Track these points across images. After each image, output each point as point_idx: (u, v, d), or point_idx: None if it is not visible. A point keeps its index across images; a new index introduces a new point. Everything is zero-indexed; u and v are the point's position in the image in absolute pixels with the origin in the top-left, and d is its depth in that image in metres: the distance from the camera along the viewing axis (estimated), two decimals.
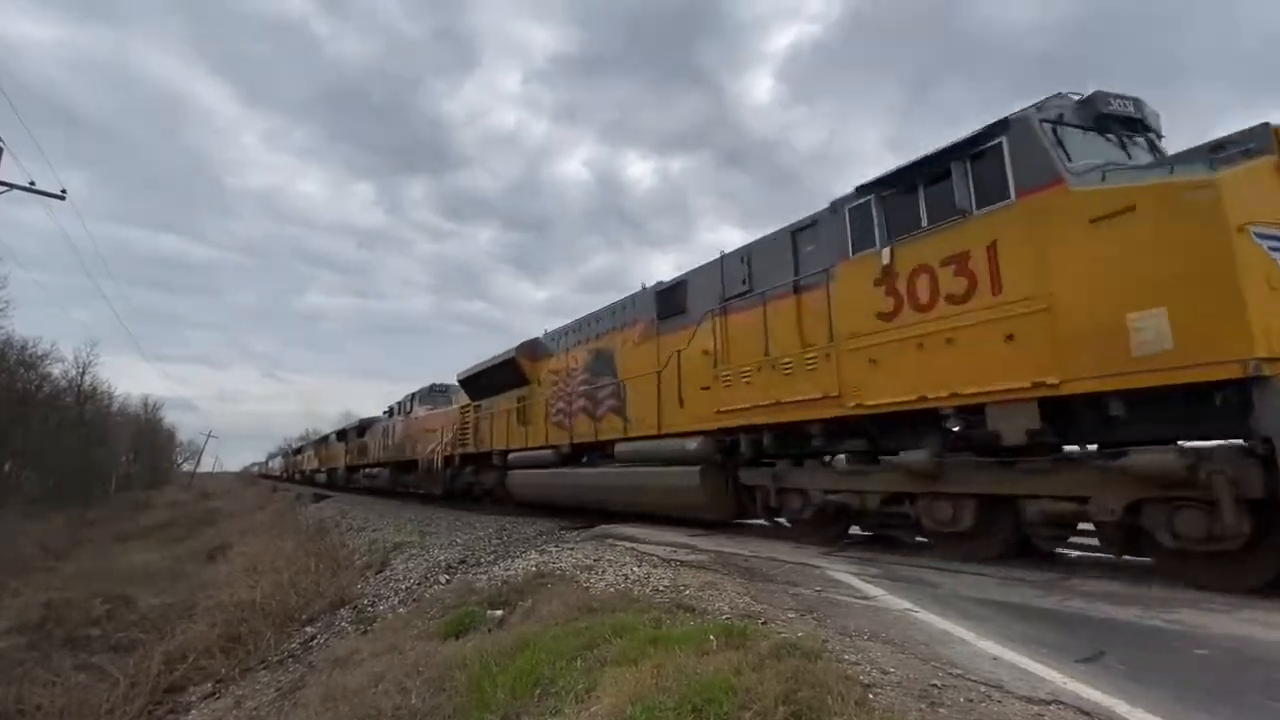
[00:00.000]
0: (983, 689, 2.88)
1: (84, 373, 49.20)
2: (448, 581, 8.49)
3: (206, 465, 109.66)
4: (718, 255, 8.86)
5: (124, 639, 11.29)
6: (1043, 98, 5.62)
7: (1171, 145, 5.68)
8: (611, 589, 5.66)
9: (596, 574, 6.34)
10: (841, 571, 5.60)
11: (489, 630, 5.52)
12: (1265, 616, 3.74)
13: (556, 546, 8.54)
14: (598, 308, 12.17)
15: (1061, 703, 2.69)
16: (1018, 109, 5.56)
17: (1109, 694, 2.75)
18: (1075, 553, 6.00)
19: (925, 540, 6.52)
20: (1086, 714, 2.59)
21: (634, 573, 6.10)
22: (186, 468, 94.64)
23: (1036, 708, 2.67)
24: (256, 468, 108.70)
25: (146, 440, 71.69)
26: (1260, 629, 3.51)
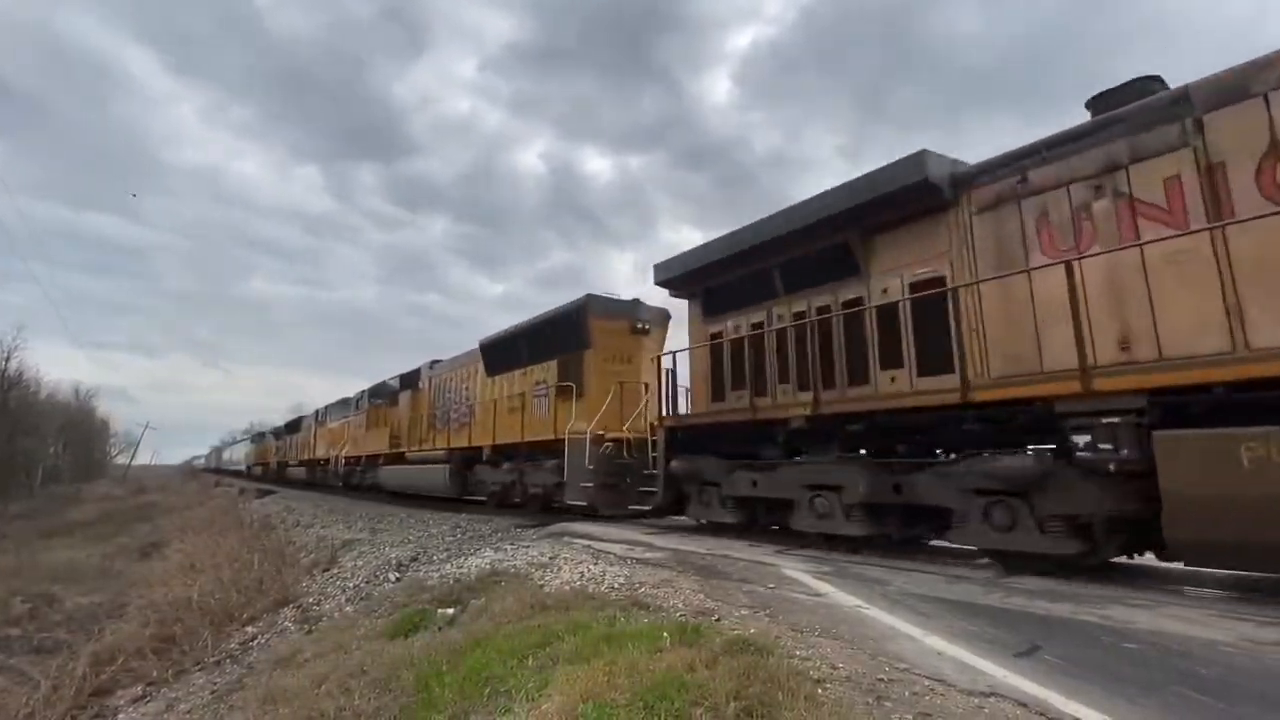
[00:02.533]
0: (927, 683, 2.96)
1: (9, 358, 46.20)
2: (398, 579, 8.29)
3: (143, 458, 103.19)
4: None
5: (47, 640, 10.62)
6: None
7: None
8: (567, 587, 5.61)
9: (552, 572, 6.28)
10: (794, 569, 5.69)
11: (440, 629, 5.40)
12: (1184, 613, 3.96)
13: (512, 544, 8.43)
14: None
15: (1000, 695, 2.78)
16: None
17: (1044, 686, 2.86)
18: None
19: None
20: (1023, 705, 2.68)
21: (590, 571, 6.07)
22: (121, 460, 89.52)
23: (977, 700, 2.75)
24: (201, 460, 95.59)
25: (77, 431, 67.79)
26: (1181, 624, 3.71)
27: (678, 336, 11.18)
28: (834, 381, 7.21)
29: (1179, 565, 4.87)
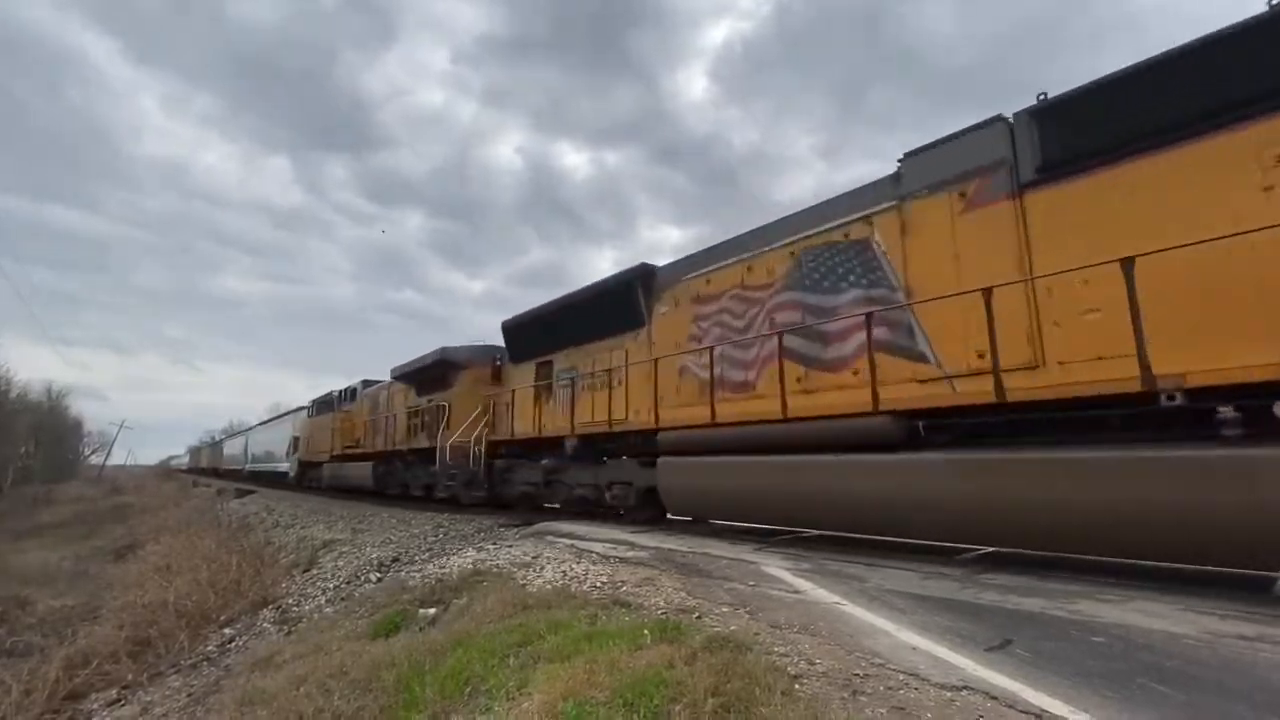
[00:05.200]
0: (901, 677, 3.02)
1: None
2: (379, 580, 8.24)
3: (118, 458, 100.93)
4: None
5: (19, 643, 10.41)
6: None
7: None
8: (549, 586, 5.62)
9: (534, 571, 6.28)
10: (775, 567, 5.75)
11: (421, 629, 5.39)
12: (1151, 607, 4.07)
13: (495, 544, 8.42)
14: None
15: (971, 689, 2.85)
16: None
17: (1014, 679, 2.93)
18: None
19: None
20: (993, 698, 2.75)
21: (572, 570, 6.09)
22: (95, 460, 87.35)
23: (949, 694, 2.82)
24: (183, 459, 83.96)
25: (49, 431, 66.21)
26: (1147, 618, 3.81)
27: None
28: None
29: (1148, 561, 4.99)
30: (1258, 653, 3.19)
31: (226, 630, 8.70)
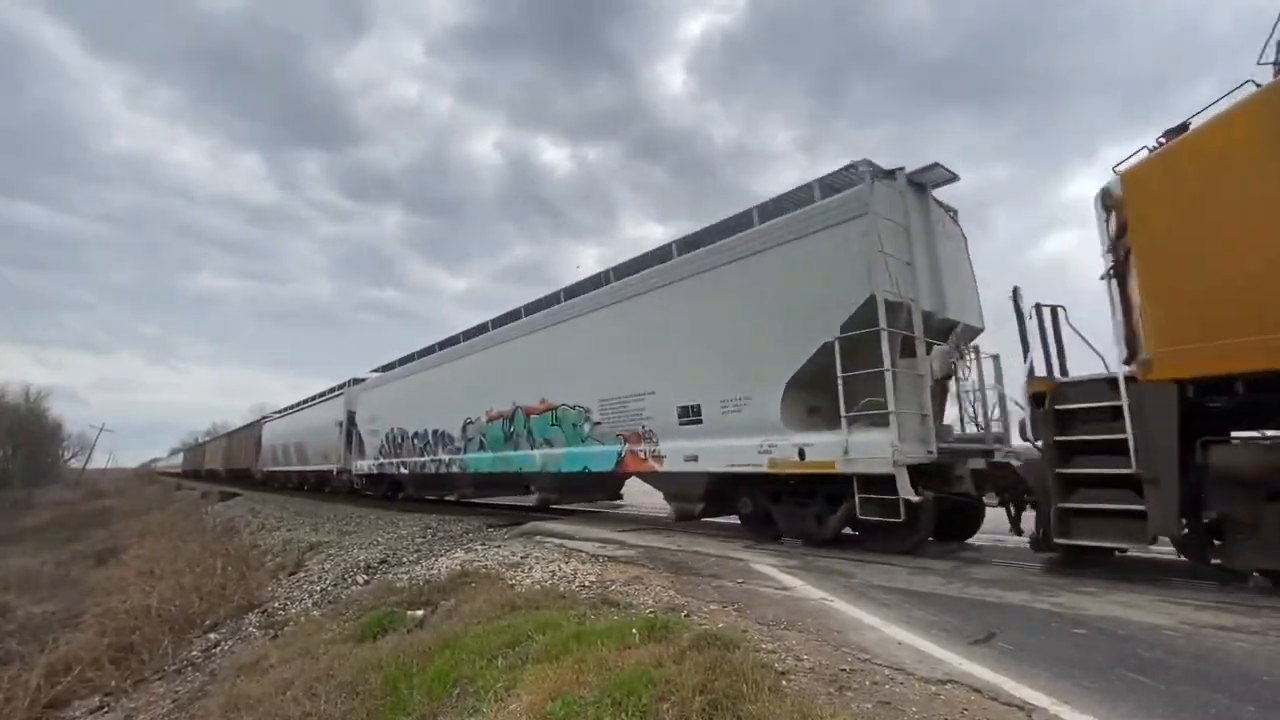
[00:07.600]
0: (887, 672, 3.05)
1: None
2: (366, 582, 8.18)
3: (99, 461, 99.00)
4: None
5: None
6: None
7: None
8: (537, 586, 5.61)
9: (523, 571, 6.27)
10: (763, 564, 5.78)
11: (408, 631, 5.36)
12: (1130, 599, 4.14)
13: (483, 544, 8.39)
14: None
15: (955, 682, 2.88)
16: None
17: (997, 672, 2.97)
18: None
19: None
20: (977, 691, 2.78)
21: (561, 569, 6.08)
22: (75, 464, 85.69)
23: (934, 687, 2.85)
24: (179, 458, 76.76)
25: (28, 434, 64.93)
26: (1127, 610, 3.88)
27: None
28: None
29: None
30: (1234, 643, 3.26)
31: (211, 635, 8.59)
